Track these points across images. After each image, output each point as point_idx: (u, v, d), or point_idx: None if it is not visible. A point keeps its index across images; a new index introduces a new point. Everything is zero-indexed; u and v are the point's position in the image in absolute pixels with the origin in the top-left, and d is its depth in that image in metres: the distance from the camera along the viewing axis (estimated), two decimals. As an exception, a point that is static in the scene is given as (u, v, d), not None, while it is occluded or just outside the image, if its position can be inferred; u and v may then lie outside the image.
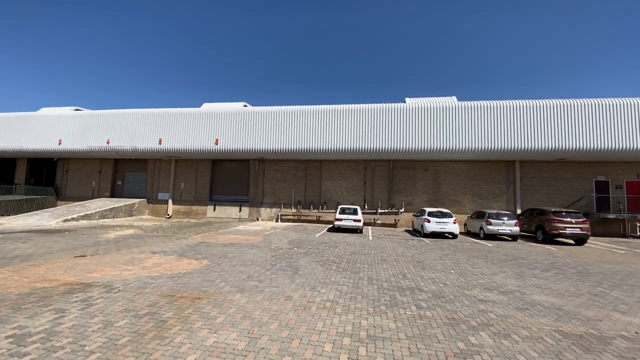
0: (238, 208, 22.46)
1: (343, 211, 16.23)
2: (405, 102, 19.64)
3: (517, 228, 14.27)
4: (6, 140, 23.75)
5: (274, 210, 22.07)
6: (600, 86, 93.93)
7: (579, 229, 13.42)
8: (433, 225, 14.72)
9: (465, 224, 17.76)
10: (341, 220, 15.82)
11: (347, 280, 6.42)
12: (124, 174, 25.35)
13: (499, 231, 14.31)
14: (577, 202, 18.48)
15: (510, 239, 14.67)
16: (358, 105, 19.37)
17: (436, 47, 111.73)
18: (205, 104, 23.70)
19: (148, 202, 23.92)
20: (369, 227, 19.23)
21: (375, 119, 18.97)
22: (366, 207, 20.88)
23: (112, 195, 24.80)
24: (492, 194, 19.75)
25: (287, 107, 20.22)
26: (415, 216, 17.64)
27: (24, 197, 21.90)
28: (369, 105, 19.23)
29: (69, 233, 12.69)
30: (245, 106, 22.54)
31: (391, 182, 21.01)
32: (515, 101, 17.75)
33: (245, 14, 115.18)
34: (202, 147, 20.94)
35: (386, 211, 20.70)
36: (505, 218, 14.47)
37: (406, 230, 18.48)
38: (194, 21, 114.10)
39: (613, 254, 11.22)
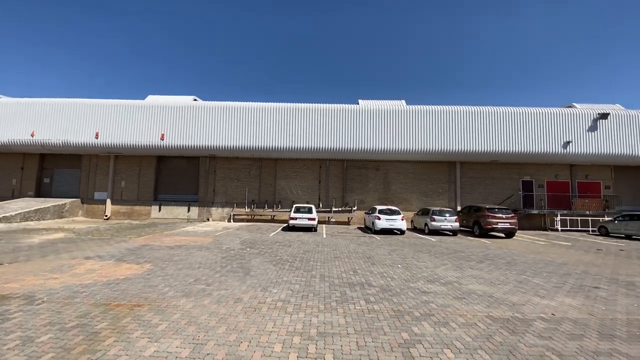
0: (186, 208, 21.29)
1: (298, 210, 16.22)
2: (358, 104, 20.21)
3: (457, 224, 15.50)
4: None
5: (226, 210, 21.33)
6: (534, 94, 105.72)
7: (509, 224, 14.98)
8: (383, 222, 15.36)
9: (412, 221, 18.83)
10: (296, 219, 15.80)
11: (300, 278, 6.42)
12: (53, 171, 22.60)
13: (442, 227, 15.41)
14: (507, 200, 20.62)
15: (451, 234, 15.87)
16: (312, 104, 19.48)
17: (390, 51, 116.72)
18: (150, 96, 22.07)
19: (82, 203, 21.63)
20: (324, 226, 19.47)
21: (329, 119, 19.24)
22: (321, 206, 21.12)
23: (38, 195, 21.98)
24: (436, 193, 21.20)
25: (240, 104, 19.63)
26: (367, 214, 18.26)
27: None
28: (323, 105, 19.45)
29: (-20, 239, 10.97)
30: (195, 100, 21.43)
31: (345, 181, 21.51)
32: (456, 107, 19.23)
33: (206, 8, 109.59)
34: (146, 143, 19.45)
35: (340, 209, 21.14)
36: (447, 215, 15.62)
37: (359, 227, 19.05)
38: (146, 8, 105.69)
39: (536, 245, 12.71)
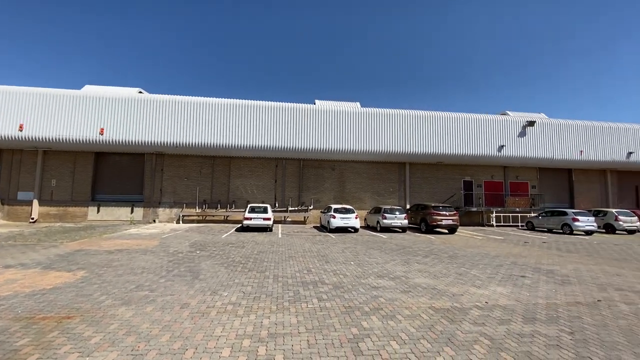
0: (130, 209, 19.73)
1: (253, 210, 15.88)
2: (315, 104, 20.36)
3: (406, 221, 16.37)
4: None
5: (175, 210, 20.16)
6: (478, 97, 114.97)
7: (451, 221, 16.18)
8: (338, 220, 15.68)
9: (365, 219, 19.47)
10: (250, 219, 15.45)
11: (252, 280, 6.29)
12: (-38, 168, 19.50)
13: (392, 224, 16.16)
14: (450, 198, 22.27)
15: (401, 231, 16.72)
16: (268, 102, 19.22)
17: (347, 52, 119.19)
18: (87, 86, 20.04)
19: (2, 204, 18.96)
20: (280, 225, 19.32)
21: (286, 118, 19.11)
22: (277, 206, 20.92)
23: (-58, 195, 18.79)
24: (388, 192, 22.17)
25: (190, 98, 18.65)
26: (322, 213, 18.49)
27: None
28: (279, 103, 19.28)
29: None
30: (140, 92, 19.91)
31: (301, 181, 21.54)
32: (407, 110, 20.27)
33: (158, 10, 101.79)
34: (82, 137, 17.63)
35: (296, 209, 21.13)
36: (397, 213, 16.42)
37: (314, 226, 19.22)
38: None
39: (474, 240, 13.88)
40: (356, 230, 16.23)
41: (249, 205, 16.43)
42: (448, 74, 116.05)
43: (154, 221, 19.81)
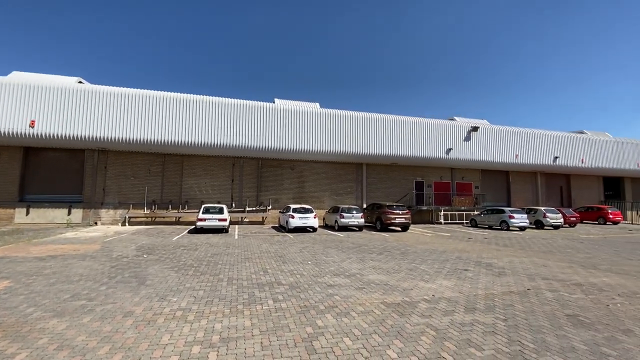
0: (66, 210, 17.87)
1: (207, 210, 15.26)
2: (274, 103, 20.12)
3: (363, 220, 16.87)
4: None
5: (120, 212, 18.67)
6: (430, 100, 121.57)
7: (404, 219, 16.99)
8: (297, 220, 15.67)
9: (324, 218, 19.69)
10: (205, 220, 14.82)
11: (205, 284, 6.05)
12: None
13: (350, 223, 16.55)
14: (404, 198, 23.38)
15: (358, 229, 17.18)
16: (225, 98, 18.58)
17: (307, 53, 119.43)
18: (15, 72, 17.75)
19: None
20: (236, 226, 18.80)
21: (244, 116, 18.63)
22: (234, 206, 20.32)
23: None
24: (346, 191, 22.65)
25: (139, 91, 17.37)
26: (281, 213, 18.34)
27: None
28: (237, 100, 18.75)
29: None
30: (80, 82, 18.11)
31: (260, 180, 21.16)
32: (364, 113, 20.84)
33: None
34: (7, 130, 15.58)
35: (254, 209, 20.71)
36: (354, 212, 16.84)
37: (273, 227, 18.99)
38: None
39: (424, 237, 14.72)
40: (315, 229, 16.35)
41: (203, 205, 15.76)
42: (404, 78, 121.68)
43: (96, 223, 18.16)
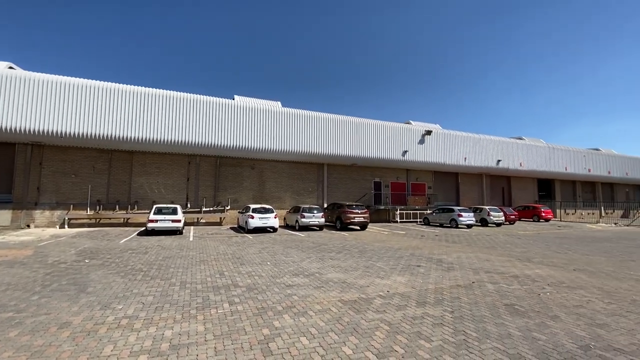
0: (-9, 212, 15.78)
1: (160, 211, 14.41)
2: (234, 100, 19.55)
3: (323, 219, 17.05)
4: None
5: (58, 213, 16.94)
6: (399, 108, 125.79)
7: (363, 218, 17.47)
8: (256, 221, 15.38)
9: (285, 218, 19.57)
10: (157, 221, 13.97)
11: (155, 289, 5.70)
12: None
13: (310, 223, 16.63)
14: (363, 197, 24.03)
15: (318, 229, 17.32)
16: (180, 93, 17.64)
17: (269, 52, 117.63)
18: None
19: None
20: (192, 227, 17.99)
21: (201, 112, 17.85)
22: (189, 206, 19.41)
23: None
24: (307, 191, 22.72)
25: (82, 80, 15.84)
26: (240, 213, 17.89)
27: None
28: (194, 95, 17.90)
29: None
30: (11, 68, 16.08)
31: (217, 179, 20.44)
32: (326, 114, 21.06)
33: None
34: None
35: (211, 209, 19.97)
36: (315, 212, 16.95)
37: (231, 227, 18.46)
38: None
39: (381, 235, 15.25)
40: (275, 230, 16.18)
41: (155, 206, 14.86)
42: (365, 81, 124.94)
43: (28, 226, 16.27)
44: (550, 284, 6.38)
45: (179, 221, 14.30)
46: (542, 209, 27.02)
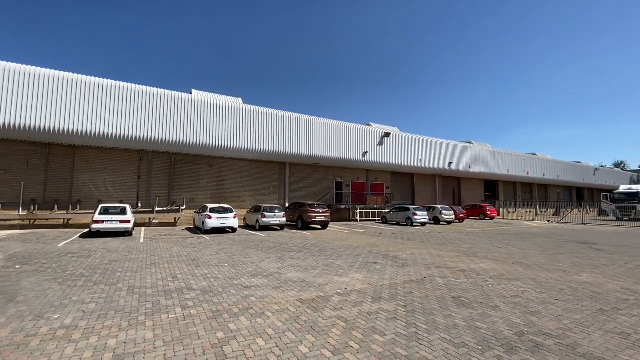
0: None
1: (106, 211, 13.33)
2: (192, 94, 18.68)
3: (285, 219, 16.94)
4: None
5: (-18, 213, 14.94)
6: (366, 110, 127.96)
7: (324, 217, 17.66)
8: (214, 221, 14.85)
9: (245, 218, 19.13)
10: (102, 222, 12.91)
11: (99, 295, 5.26)
12: None
13: (271, 222, 16.44)
14: (324, 197, 24.28)
15: (279, 229, 17.17)
16: (131, 84, 16.43)
17: (230, 48, 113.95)
18: None
19: None
20: (143, 228, 16.90)
21: (154, 105, 16.80)
22: (140, 206, 18.20)
23: None
24: (268, 190, 22.42)
25: (10, 65, 14.10)
26: (197, 213, 17.15)
27: None
28: (146, 87, 16.79)
29: None
30: None
31: (172, 178, 19.39)
32: (281, 112, 20.91)
33: None
34: None
35: (165, 209, 18.90)
36: (276, 211, 16.78)
37: (187, 228, 17.64)
38: None
39: (341, 234, 15.53)
40: (234, 230, 15.74)
41: (101, 205, 13.72)
42: (328, 82, 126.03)
43: (-58, 229, 14.15)
44: (492, 277, 6.94)
45: (128, 222, 13.33)
46: (488, 208, 29.35)
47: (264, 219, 16.33)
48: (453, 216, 23.59)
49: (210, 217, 14.83)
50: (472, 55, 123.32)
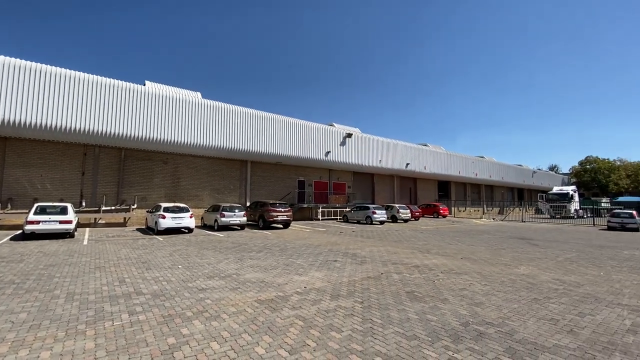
0: None
1: (43, 210, 12.06)
2: (145, 85, 17.53)
3: (245, 218, 16.55)
4: None
5: None
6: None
7: (286, 216, 17.54)
8: (169, 221, 14.09)
9: (202, 218, 18.39)
10: (38, 222, 11.65)
11: (31, 304, 4.74)
12: None
13: (231, 222, 15.97)
14: (287, 196, 24.15)
15: (239, 228, 16.74)
16: (73, 71, 14.98)
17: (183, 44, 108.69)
18: None
19: None
20: (87, 229, 15.54)
21: (102, 96, 15.50)
22: (84, 205, 16.72)
23: None
24: (228, 189, 21.76)
25: None
26: (149, 213, 16.13)
27: None
28: (92, 76, 15.44)
29: None
30: None
31: (122, 174, 18.05)
32: (251, 109, 20.47)
33: None
34: None
35: (113, 208, 17.55)
36: (236, 210, 16.34)
37: (138, 229, 16.54)
38: None
39: (303, 233, 15.54)
40: (191, 230, 15.05)
41: (37, 204, 12.37)
42: (291, 81, 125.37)
43: None
44: (443, 272, 7.38)
45: (70, 222, 12.16)
46: (441, 207, 31.17)
47: (223, 219, 15.82)
48: (409, 215, 24.70)
49: (164, 217, 14.04)
50: (426, 60, 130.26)
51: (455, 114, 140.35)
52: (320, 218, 24.60)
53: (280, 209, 17.47)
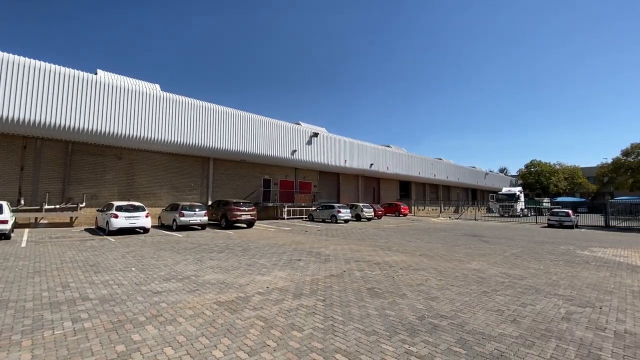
0: None
1: (-30, 209, 10.70)
2: (97, 74, 16.22)
3: (206, 218, 15.97)
4: None
5: None
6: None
7: (250, 215, 17.19)
8: (122, 220, 13.20)
9: (159, 217, 17.46)
10: (-36, 222, 10.33)
11: (-48, 314, 4.18)
12: None
13: (191, 222, 15.32)
14: (252, 195, 23.68)
15: (200, 228, 16.11)
16: (13, 55, 13.47)
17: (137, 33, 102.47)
18: None
19: None
20: (26, 230, 14.10)
21: (47, 84, 14.09)
22: (22, 203, 15.13)
23: None
24: (189, 187, 20.86)
25: None
26: (100, 212, 14.98)
27: None
28: (32, 60, 13.93)
29: None
30: None
31: (68, 170, 16.59)
32: (213, 104, 19.76)
33: None
34: None
35: (58, 207, 16.08)
36: (197, 209, 15.70)
37: (87, 229, 15.30)
38: None
39: (267, 232, 15.34)
40: (146, 230, 14.21)
41: (-36, 202, 10.97)
42: (257, 78, 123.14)
43: None
44: (402, 268, 7.67)
45: (5, 222, 10.92)
46: (402, 206, 32.42)
47: (182, 218, 15.13)
48: (373, 213, 25.37)
49: (116, 216, 13.11)
50: (392, 61, 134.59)
51: (419, 119, 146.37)
52: (285, 217, 24.44)
53: (244, 208, 17.08)
